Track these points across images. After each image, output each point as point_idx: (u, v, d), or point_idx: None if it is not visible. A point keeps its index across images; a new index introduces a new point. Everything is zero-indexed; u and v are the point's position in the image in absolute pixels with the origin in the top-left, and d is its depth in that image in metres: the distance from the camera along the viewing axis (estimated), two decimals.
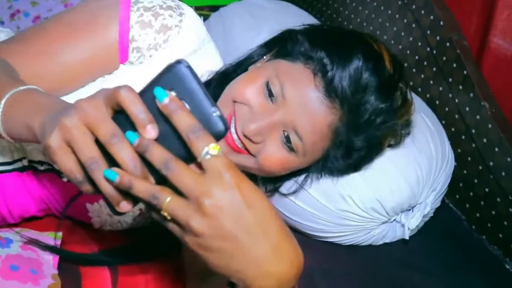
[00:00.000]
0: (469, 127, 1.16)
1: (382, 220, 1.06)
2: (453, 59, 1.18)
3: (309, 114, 0.86)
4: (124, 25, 0.86)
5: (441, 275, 1.09)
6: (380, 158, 1.00)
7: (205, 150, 0.53)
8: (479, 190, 1.19)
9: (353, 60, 0.86)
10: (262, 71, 0.91)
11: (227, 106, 0.90)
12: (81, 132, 0.56)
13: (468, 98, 1.15)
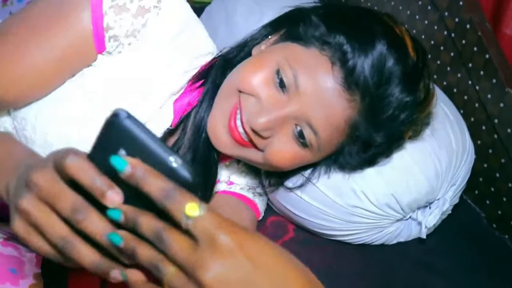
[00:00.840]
0: (491, 117, 1.07)
1: (396, 217, 0.97)
2: (474, 42, 1.09)
3: (326, 107, 0.78)
4: (96, 12, 0.77)
5: (459, 278, 1.02)
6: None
7: (183, 215, 0.44)
8: (501, 185, 1.10)
9: (376, 47, 0.78)
10: (271, 56, 0.82)
11: (231, 96, 0.81)
12: (41, 213, 0.50)
13: (490, 84, 1.06)
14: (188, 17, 0.84)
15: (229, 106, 0.81)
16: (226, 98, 0.82)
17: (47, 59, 0.78)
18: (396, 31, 0.82)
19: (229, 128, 0.80)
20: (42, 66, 0.79)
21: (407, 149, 0.93)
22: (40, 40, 0.78)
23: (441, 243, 1.07)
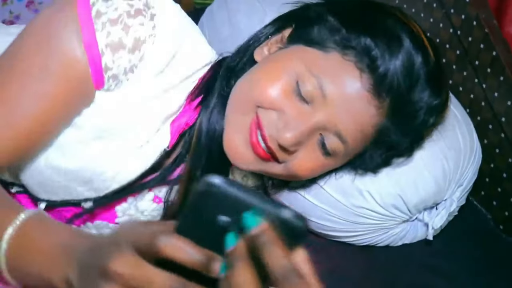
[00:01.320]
0: (498, 115, 1.05)
1: (403, 218, 0.95)
2: (481, 39, 1.06)
3: (355, 115, 0.75)
4: (93, 52, 0.72)
5: (465, 281, 1.00)
6: None
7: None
8: (508, 186, 1.08)
9: (403, 50, 0.74)
10: (288, 64, 0.77)
11: (249, 112, 0.77)
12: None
13: (498, 82, 1.04)
14: (184, 33, 0.79)
15: (247, 122, 0.77)
16: (243, 114, 0.78)
17: (44, 111, 0.73)
18: (414, 29, 0.78)
19: (251, 145, 0.76)
20: (40, 119, 0.73)
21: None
22: (34, 93, 0.72)
23: (447, 246, 1.04)
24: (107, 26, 0.71)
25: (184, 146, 0.86)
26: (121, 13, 0.72)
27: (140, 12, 0.73)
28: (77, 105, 0.75)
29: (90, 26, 0.71)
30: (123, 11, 0.72)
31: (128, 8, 0.72)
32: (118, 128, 0.79)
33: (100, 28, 0.71)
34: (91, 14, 0.71)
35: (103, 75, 0.73)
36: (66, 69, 0.72)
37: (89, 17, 0.71)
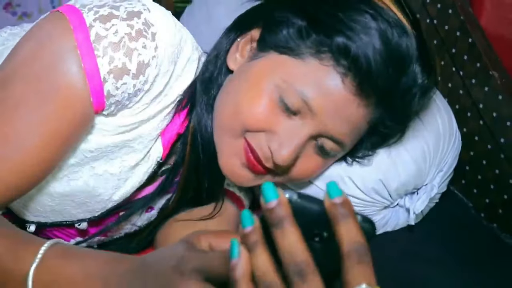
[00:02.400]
0: (476, 102, 1.06)
1: (384, 203, 0.95)
2: (457, 27, 1.08)
3: (346, 120, 0.74)
4: (94, 81, 0.68)
5: (449, 266, 0.98)
6: None
7: (363, 285, 0.42)
8: (488, 173, 1.09)
9: (378, 39, 0.70)
10: (265, 80, 0.74)
11: (237, 137, 0.76)
12: None
13: (474, 68, 1.05)
14: (179, 47, 0.75)
15: (238, 145, 0.76)
16: (232, 138, 0.76)
17: (44, 145, 0.69)
18: (381, 5, 0.73)
19: (249, 165, 0.76)
20: (44, 152, 0.69)
21: None
22: (33, 128, 0.68)
23: (429, 233, 1.04)
24: (109, 51, 0.68)
25: (180, 154, 0.85)
26: (122, 35, 0.69)
27: (141, 33, 0.69)
28: (79, 133, 0.72)
29: (91, 52, 0.67)
30: (123, 33, 0.69)
31: (128, 30, 0.69)
32: (114, 150, 0.77)
33: (102, 54, 0.67)
34: (90, 38, 0.67)
35: (104, 102, 0.70)
36: (67, 101, 0.68)
37: (88, 42, 0.67)
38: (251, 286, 0.43)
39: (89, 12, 0.68)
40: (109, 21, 0.68)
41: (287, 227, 0.42)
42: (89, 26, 0.67)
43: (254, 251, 0.43)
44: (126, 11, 0.69)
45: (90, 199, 0.80)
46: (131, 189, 0.82)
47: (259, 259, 0.43)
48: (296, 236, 0.42)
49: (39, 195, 0.78)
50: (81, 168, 0.77)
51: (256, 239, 0.43)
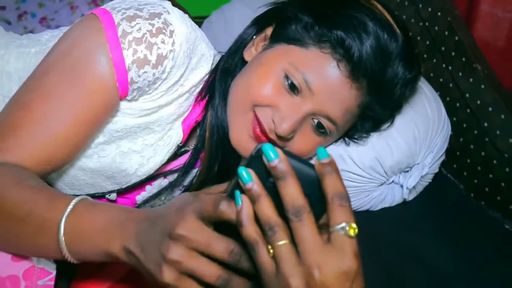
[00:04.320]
0: (463, 92, 1.17)
1: (381, 180, 1.05)
2: (445, 27, 1.20)
3: (340, 100, 0.85)
4: (120, 69, 0.78)
5: (441, 236, 1.08)
6: None
7: (343, 224, 0.51)
8: (475, 156, 1.19)
9: (370, 34, 0.83)
10: (274, 64, 0.86)
11: (247, 111, 0.87)
12: (194, 260, 0.57)
13: (461, 63, 1.16)
14: (194, 43, 0.85)
15: (247, 120, 0.87)
16: (242, 113, 0.87)
17: (81, 125, 0.79)
18: (375, 10, 0.87)
19: (255, 138, 0.86)
20: (76, 131, 0.79)
21: None
22: (69, 109, 0.77)
23: (423, 209, 1.14)
24: (133, 45, 0.78)
25: (199, 140, 0.96)
26: (145, 32, 0.78)
27: (161, 31, 0.79)
28: (105, 115, 0.82)
29: (118, 45, 0.77)
30: (146, 30, 0.78)
31: (150, 28, 0.79)
32: (137, 131, 0.88)
33: (127, 47, 0.77)
34: (117, 34, 0.78)
35: (128, 88, 0.80)
36: (97, 88, 0.78)
37: (116, 37, 0.78)
38: (255, 225, 0.54)
39: (118, 13, 0.80)
40: (134, 20, 0.79)
41: (289, 179, 0.52)
42: (117, 25, 0.78)
43: (259, 201, 0.53)
44: (148, 12, 0.81)
45: (118, 173, 0.91)
46: (154, 167, 0.93)
47: (263, 206, 0.53)
48: (296, 186, 0.53)
49: (74, 170, 0.89)
50: (109, 146, 0.88)
51: (259, 191, 0.53)
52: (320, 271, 0.50)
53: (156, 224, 0.60)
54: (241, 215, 0.54)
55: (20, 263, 0.77)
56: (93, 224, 0.66)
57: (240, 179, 0.54)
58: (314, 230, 0.51)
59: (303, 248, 0.51)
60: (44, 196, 0.71)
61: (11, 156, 0.76)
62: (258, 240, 0.53)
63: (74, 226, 0.67)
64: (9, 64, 0.93)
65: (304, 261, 0.51)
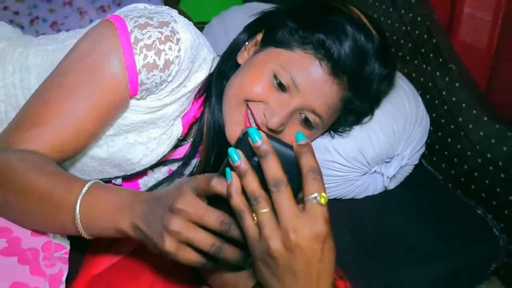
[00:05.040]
0: (441, 90, 1.25)
1: (363, 170, 1.14)
2: (424, 31, 1.28)
3: (323, 95, 0.93)
4: (132, 72, 0.86)
5: (420, 219, 1.17)
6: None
7: (315, 194, 0.59)
8: (452, 149, 1.27)
9: (348, 36, 0.91)
10: (264, 65, 0.94)
11: (240, 106, 0.95)
12: (191, 230, 0.65)
13: (438, 63, 1.25)
14: (197, 50, 0.93)
15: (241, 114, 0.94)
16: (237, 108, 0.96)
17: (94, 119, 0.87)
18: (353, 15, 0.95)
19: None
20: (90, 124, 0.87)
21: None
22: (86, 105, 0.85)
23: (404, 196, 1.23)
24: (144, 51, 0.85)
25: (197, 134, 1.05)
26: (154, 39, 0.86)
27: (169, 38, 0.87)
28: (117, 111, 0.91)
29: (130, 51, 0.85)
30: (155, 38, 0.86)
31: (159, 35, 0.86)
32: (143, 125, 0.96)
33: (138, 52, 0.85)
34: (130, 40, 0.85)
35: (138, 88, 0.88)
36: (110, 87, 0.86)
37: (129, 43, 0.85)
38: (242, 197, 0.62)
39: (130, 21, 0.88)
40: (145, 28, 0.86)
41: (270, 157, 0.61)
42: (130, 32, 0.85)
43: (245, 176, 0.62)
44: (158, 21, 0.89)
45: (124, 162, 1.00)
46: (157, 157, 1.02)
47: (249, 181, 0.61)
48: (276, 163, 0.61)
49: (85, 158, 0.98)
50: (117, 138, 0.97)
51: (246, 168, 0.62)
52: (296, 234, 0.58)
53: (159, 202, 0.69)
54: (230, 188, 0.62)
55: (39, 238, 0.85)
56: (105, 204, 0.74)
57: (229, 158, 0.63)
58: (291, 200, 0.59)
59: (281, 214, 0.59)
60: (61, 179, 0.79)
61: (33, 144, 0.84)
62: (244, 209, 0.62)
63: (88, 205, 0.74)
64: (28, 59, 1.02)
65: (282, 225, 0.59)
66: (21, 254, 0.82)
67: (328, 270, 0.61)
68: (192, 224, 0.65)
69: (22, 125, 0.86)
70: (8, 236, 0.84)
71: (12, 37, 1.10)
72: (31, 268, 0.81)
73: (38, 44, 1.06)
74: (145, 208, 0.70)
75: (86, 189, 0.75)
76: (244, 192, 0.62)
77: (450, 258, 1.02)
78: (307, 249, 0.59)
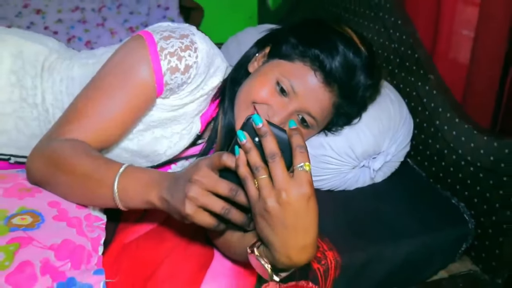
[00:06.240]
0: (422, 98, 1.41)
1: (353, 163, 1.29)
2: (409, 47, 1.44)
3: (317, 100, 1.06)
4: (158, 75, 0.99)
5: (401, 206, 1.30)
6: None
7: (302, 164, 0.73)
8: (433, 148, 1.41)
9: (339, 51, 1.04)
10: (269, 73, 1.07)
11: (248, 107, 1.08)
12: (206, 196, 0.77)
13: (419, 74, 1.40)
14: (212, 59, 1.06)
15: (248, 113, 1.00)
16: (245, 109, 1.08)
17: (128, 114, 1.01)
18: (345, 34, 1.08)
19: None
20: (124, 118, 1.01)
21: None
22: (119, 103, 0.99)
23: (391, 190, 1.36)
24: (168, 57, 0.99)
25: (213, 131, 1.20)
26: (176, 48, 1.00)
27: (188, 47, 1.01)
28: (146, 108, 1.05)
29: (157, 58, 0.99)
30: (177, 46, 1.00)
31: (180, 45, 1.00)
32: (167, 122, 1.10)
33: (163, 58, 0.99)
34: (157, 49, 0.99)
35: (163, 88, 1.02)
36: (141, 87, 1.00)
37: (156, 51, 0.99)
38: (247, 167, 0.77)
39: (157, 34, 1.02)
40: (169, 39, 1.01)
41: (268, 136, 0.76)
42: (156, 42, 1.00)
43: (249, 152, 0.77)
44: (179, 33, 1.02)
45: (151, 153, 1.14)
46: (179, 149, 1.17)
47: (252, 155, 0.76)
48: (273, 141, 0.76)
49: (118, 149, 1.11)
50: (145, 133, 1.10)
51: (250, 146, 0.77)
52: (286, 193, 0.72)
53: (180, 177, 0.80)
54: (238, 161, 0.76)
55: (82, 210, 1.00)
56: (138, 181, 0.86)
57: (238, 138, 0.78)
58: (283, 168, 0.74)
59: (275, 179, 0.74)
60: (103, 161, 0.93)
61: (77, 134, 0.99)
62: (248, 176, 0.76)
63: (124, 182, 0.87)
64: (73, 71, 1.18)
65: (276, 187, 0.73)
66: (68, 220, 0.97)
67: (312, 224, 0.74)
68: (207, 192, 0.77)
69: (69, 119, 1.00)
70: (58, 207, 0.98)
71: (60, 50, 1.25)
72: (77, 231, 0.96)
73: (80, 58, 1.22)
74: (170, 183, 0.82)
75: (123, 169, 0.88)
76: (248, 165, 0.77)
77: (425, 237, 1.16)
78: (295, 205, 0.72)
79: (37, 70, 1.17)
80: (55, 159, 0.95)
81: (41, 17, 2.33)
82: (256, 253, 0.80)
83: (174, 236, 1.09)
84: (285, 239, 0.75)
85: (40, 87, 1.16)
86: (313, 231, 0.75)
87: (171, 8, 2.40)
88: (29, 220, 0.94)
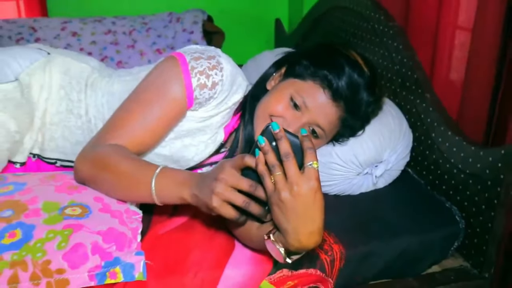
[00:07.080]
0: (420, 114, 1.53)
1: (357, 170, 1.42)
2: (409, 69, 1.57)
3: (326, 114, 1.17)
4: (189, 90, 1.10)
5: (399, 208, 1.40)
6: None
7: (311, 162, 0.84)
8: (429, 159, 1.52)
9: (345, 72, 1.16)
10: (284, 90, 1.19)
11: (266, 120, 1.18)
12: (230, 192, 0.87)
13: (417, 93, 1.53)
14: (235, 77, 1.17)
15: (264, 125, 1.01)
16: (263, 121, 1.18)
17: (163, 124, 1.12)
18: (351, 57, 1.21)
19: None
20: (159, 128, 1.12)
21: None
22: (155, 115, 1.11)
23: (392, 195, 1.47)
24: (197, 75, 1.11)
25: (234, 141, 1.33)
26: (205, 67, 1.12)
27: (215, 67, 1.13)
28: (178, 119, 1.16)
29: (188, 76, 1.10)
30: (206, 66, 1.12)
31: (208, 65, 1.12)
32: (195, 131, 1.22)
33: (194, 76, 1.11)
34: (188, 68, 1.11)
35: (193, 102, 1.13)
36: (174, 101, 1.11)
37: (187, 71, 1.11)
38: (265, 166, 0.90)
39: (188, 55, 1.15)
40: (198, 60, 1.13)
41: (284, 140, 0.89)
42: (188, 62, 1.12)
43: (267, 153, 0.90)
44: (207, 55, 1.15)
45: (181, 158, 1.26)
46: (204, 156, 1.29)
47: (269, 156, 0.89)
48: (287, 143, 0.89)
49: (152, 155, 1.23)
50: (176, 140, 1.22)
51: (268, 148, 0.89)
52: (298, 186, 0.83)
53: (208, 177, 0.92)
54: (257, 160, 0.89)
55: (121, 205, 1.14)
56: (173, 179, 0.97)
57: (258, 142, 0.91)
58: (295, 165, 0.87)
59: (288, 175, 0.86)
60: (142, 163, 1.05)
61: (119, 140, 1.11)
62: (266, 173, 0.89)
63: (160, 181, 0.98)
64: (113, 87, 1.32)
65: (289, 182, 0.85)
66: (111, 212, 1.11)
67: (318, 213, 0.85)
68: (231, 188, 0.88)
69: (111, 128, 1.14)
70: (101, 202, 1.13)
71: (100, 69, 1.39)
72: (119, 221, 1.10)
73: (119, 76, 1.36)
74: (199, 181, 0.94)
75: (159, 170, 1.00)
76: (266, 164, 0.90)
77: (420, 235, 1.28)
78: (305, 196, 0.83)
79: (81, 86, 1.31)
80: (100, 160, 1.08)
81: (77, 39, 2.48)
82: (272, 239, 0.92)
83: (201, 229, 1.22)
84: (296, 226, 0.86)
85: (84, 100, 1.29)
86: (319, 219, 0.86)
87: (195, 32, 2.55)
88: (79, 211, 1.08)
